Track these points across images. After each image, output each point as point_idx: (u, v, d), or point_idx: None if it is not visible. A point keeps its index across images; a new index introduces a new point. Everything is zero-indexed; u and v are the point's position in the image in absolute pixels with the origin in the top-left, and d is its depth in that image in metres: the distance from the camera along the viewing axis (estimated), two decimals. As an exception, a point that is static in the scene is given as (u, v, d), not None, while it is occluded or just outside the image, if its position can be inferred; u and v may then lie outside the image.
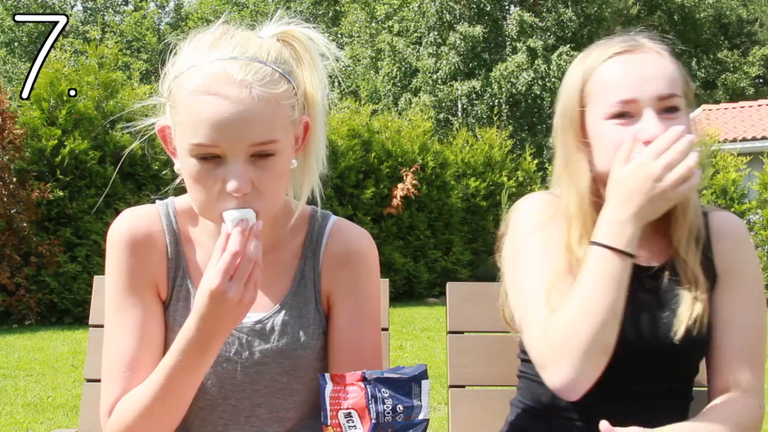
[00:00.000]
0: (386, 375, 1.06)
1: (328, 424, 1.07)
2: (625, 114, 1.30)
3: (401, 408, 1.05)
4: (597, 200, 1.35)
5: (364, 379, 1.05)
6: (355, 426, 1.05)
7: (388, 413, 1.05)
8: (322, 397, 1.08)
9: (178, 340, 1.14)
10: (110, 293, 1.25)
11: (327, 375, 1.08)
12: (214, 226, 1.24)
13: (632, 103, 1.30)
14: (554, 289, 1.31)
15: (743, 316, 1.35)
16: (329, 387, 1.08)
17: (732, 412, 1.30)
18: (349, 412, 1.05)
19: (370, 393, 1.05)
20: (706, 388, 1.41)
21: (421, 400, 1.07)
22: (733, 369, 1.34)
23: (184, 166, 1.15)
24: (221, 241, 1.09)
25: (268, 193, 1.14)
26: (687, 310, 1.32)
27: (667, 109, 1.29)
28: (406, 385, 1.06)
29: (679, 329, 1.31)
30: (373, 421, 1.04)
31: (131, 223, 1.26)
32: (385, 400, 1.05)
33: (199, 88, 1.10)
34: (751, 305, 1.36)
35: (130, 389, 1.19)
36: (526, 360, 1.46)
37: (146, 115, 1.26)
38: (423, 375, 1.08)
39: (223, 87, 1.10)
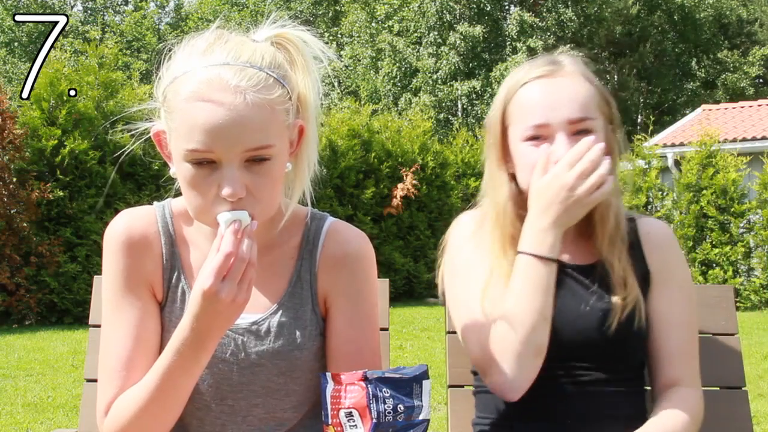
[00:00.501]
0: (387, 375, 1.06)
1: (329, 423, 1.07)
2: (539, 137, 1.38)
3: (402, 408, 1.05)
4: (523, 212, 1.41)
5: (365, 378, 1.05)
6: (356, 425, 1.05)
7: (389, 413, 1.05)
8: (323, 396, 1.08)
9: (172, 341, 1.14)
10: (107, 293, 1.26)
11: (328, 374, 1.08)
12: (210, 228, 1.24)
13: (544, 128, 1.37)
14: (486, 298, 1.40)
15: (679, 314, 1.43)
16: (330, 386, 1.08)
17: (686, 405, 1.38)
18: (350, 412, 1.05)
19: (371, 392, 1.05)
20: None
21: (422, 400, 1.07)
22: (674, 364, 1.42)
23: (180, 170, 1.15)
24: (216, 243, 1.09)
25: (264, 197, 1.15)
26: (619, 304, 1.39)
27: (579, 132, 1.36)
28: (407, 385, 1.06)
29: (613, 322, 1.37)
30: (374, 420, 1.04)
31: (128, 225, 1.27)
32: (386, 400, 1.05)
33: (193, 94, 1.10)
34: (683, 303, 1.45)
35: (126, 389, 1.20)
36: (477, 372, 1.50)
37: (146, 118, 1.27)
38: (424, 375, 1.08)
39: (217, 93, 1.10)
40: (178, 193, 1.26)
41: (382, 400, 1.05)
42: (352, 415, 1.05)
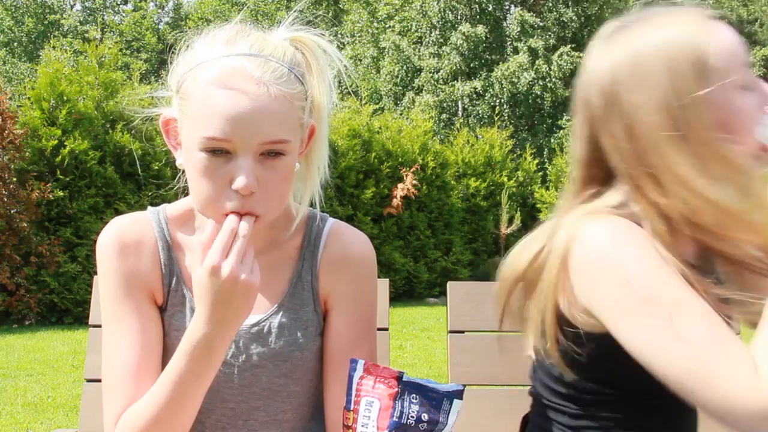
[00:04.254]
0: (422, 383, 1.04)
1: (350, 408, 1.06)
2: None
3: (426, 418, 1.03)
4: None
5: (398, 378, 1.04)
6: (369, 416, 1.04)
7: (411, 417, 1.03)
8: (349, 381, 1.06)
9: (182, 346, 1.11)
10: (105, 302, 1.24)
11: (361, 361, 1.06)
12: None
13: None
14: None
15: None
16: (359, 373, 1.06)
17: None
18: (372, 401, 1.04)
19: (400, 393, 1.03)
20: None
21: (447, 418, 1.04)
22: None
23: (191, 159, 1.13)
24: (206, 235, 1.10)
25: (274, 194, 1.13)
26: None
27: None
28: (438, 399, 1.04)
29: None
30: (395, 419, 1.03)
31: (120, 230, 1.25)
32: (412, 406, 1.03)
33: (215, 80, 1.09)
34: None
35: (135, 398, 1.17)
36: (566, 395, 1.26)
37: (146, 118, 1.26)
38: (458, 394, 1.05)
39: (241, 82, 1.09)
40: (176, 195, 1.26)
41: (408, 404, 1.03)
42: (372, 405, 1.04)
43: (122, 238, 1.24)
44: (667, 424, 1.25)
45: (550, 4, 25.39)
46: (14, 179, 8.70)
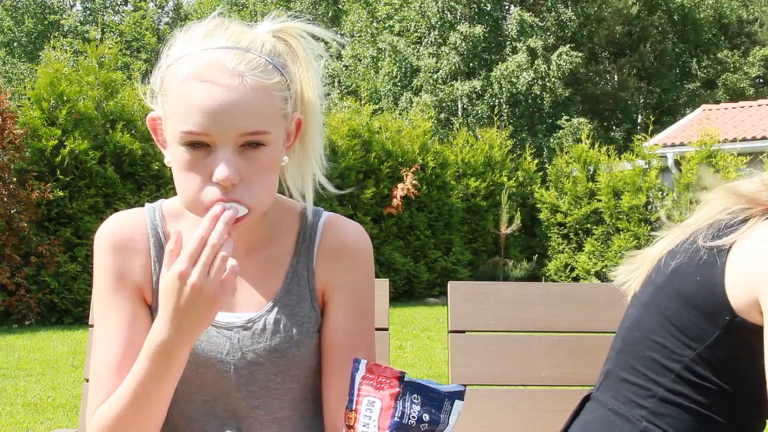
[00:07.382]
0: (423, 383, 1.04)
1: (352, 408, 1.05)
2: None
3: (427, 418, 1.03)
4: None
5: (400, 378, 1.04)
6: (370, 416, 1.04)
7: (413, 418, 1.03)
8: (351, 380, 1.06)
9: (144, 347, 1.11)
10: (96, 297, 1.25)
11: (363, 360, 1.06)
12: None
13: None
14: None
15: None
16: (361, 372, 1.05)
17: None
18: (373, 401, 1.04)
19: (401, 393, 1.03)
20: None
21: (449, 419, 1.04)
22: None
23: (173, 155, 1.14)
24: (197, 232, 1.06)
25: (257, 186, 1.13)
26: None
27: None
28: (440, 399, 1.04)
29: None
30: (396, 419, 1.03)
31: (115, 228, 1.26)
32: (414, 406, 1.03)
33: (190, 75, 1.09)
34: None
35: (112, 394, 1.17)
36: (693, 382, 1.24)
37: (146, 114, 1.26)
38: (459, 395, 1.05)
39: (215, 74, 1.09)
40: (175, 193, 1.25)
41: (409, 404, 1.03)
42: (374, 405, 1.04)
43: (116, 236, 1.25)
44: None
45: (549, 4, 25.38)
46: (14, 179, 8.70)
